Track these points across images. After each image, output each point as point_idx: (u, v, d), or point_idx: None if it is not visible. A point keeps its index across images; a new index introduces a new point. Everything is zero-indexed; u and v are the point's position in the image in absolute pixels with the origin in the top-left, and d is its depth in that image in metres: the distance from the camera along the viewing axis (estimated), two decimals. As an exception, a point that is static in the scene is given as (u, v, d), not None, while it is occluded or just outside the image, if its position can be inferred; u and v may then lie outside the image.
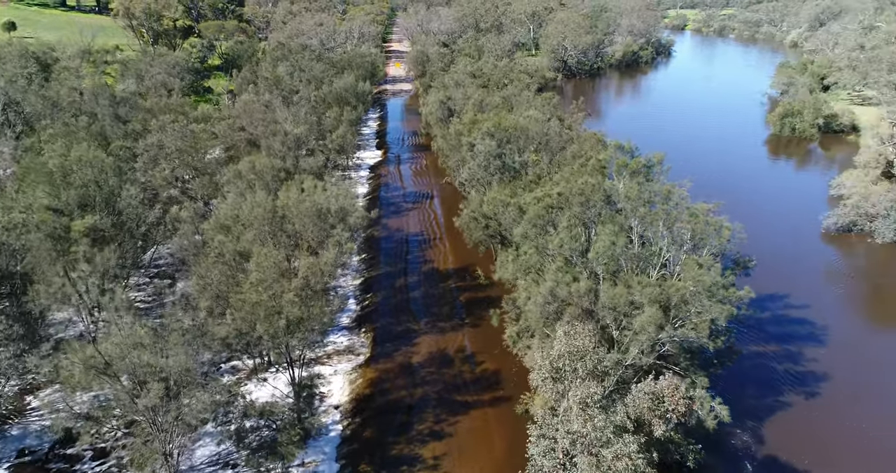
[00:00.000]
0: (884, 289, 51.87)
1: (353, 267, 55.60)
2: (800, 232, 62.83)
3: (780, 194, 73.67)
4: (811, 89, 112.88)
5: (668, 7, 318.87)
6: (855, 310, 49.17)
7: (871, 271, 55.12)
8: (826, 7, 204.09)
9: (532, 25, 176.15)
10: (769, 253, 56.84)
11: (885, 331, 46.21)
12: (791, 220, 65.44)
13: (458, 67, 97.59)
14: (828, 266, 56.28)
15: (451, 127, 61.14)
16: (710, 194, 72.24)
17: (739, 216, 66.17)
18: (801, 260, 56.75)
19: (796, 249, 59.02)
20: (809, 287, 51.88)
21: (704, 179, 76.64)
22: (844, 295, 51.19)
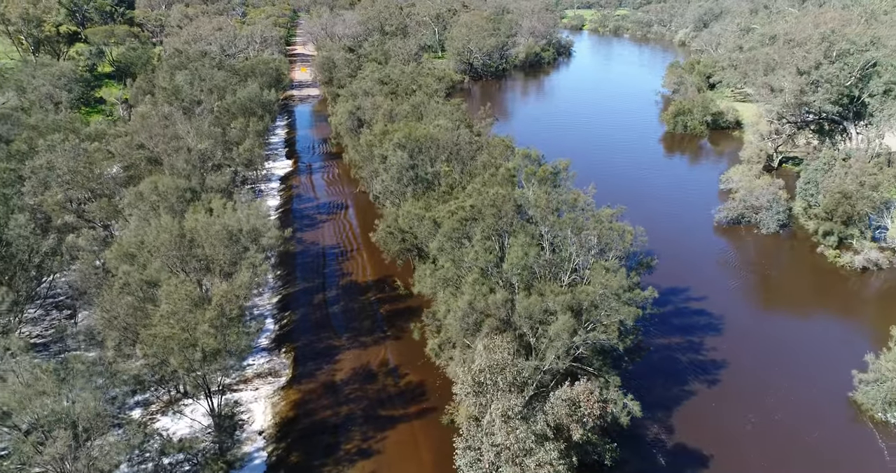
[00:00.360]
0: (770, 278, 56.47)
1: (269, 285, 54.38)
2: (695, 225, 67.25)
3: (677, 190, 78.44)
4: (699, 88, 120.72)
5: (565, 7, 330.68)
6: (746, 298, 53.24)
7: (758, 260, 59.81)
8: (708, 9, 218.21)
9: (437, 27, 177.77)
10: (669, 249, 60.58)
11: (773, 316, 50.36)
12: (687, 215, 69.92)
13: (365, 73, 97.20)
14: (721, 257, 60.56)
15: (362, 138, 60.94)
16: (614, 194, 76.13)
17: (641, 214, 70.28)
18: (697, 253, 60.81)
19: (693, 243, 63.18)
20: (706, 278, 55.70)
21: (608, 178, 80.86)
22: (736, 284, 55.34)
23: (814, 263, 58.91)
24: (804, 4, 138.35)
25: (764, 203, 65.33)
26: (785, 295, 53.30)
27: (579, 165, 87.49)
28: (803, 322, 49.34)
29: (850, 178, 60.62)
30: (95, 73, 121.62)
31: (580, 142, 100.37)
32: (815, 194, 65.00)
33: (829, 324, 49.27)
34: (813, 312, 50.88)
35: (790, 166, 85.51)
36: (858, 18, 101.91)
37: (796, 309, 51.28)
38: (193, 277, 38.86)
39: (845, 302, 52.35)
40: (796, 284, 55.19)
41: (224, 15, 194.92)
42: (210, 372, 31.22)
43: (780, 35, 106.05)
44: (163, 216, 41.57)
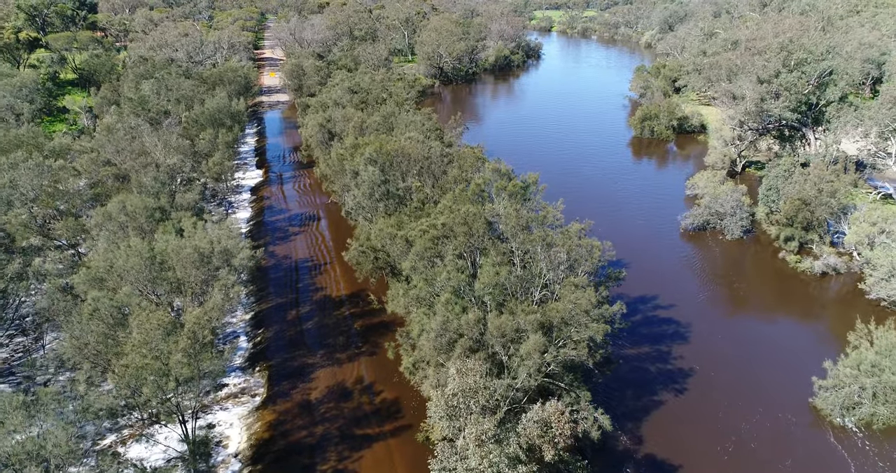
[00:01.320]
0: (734, 284, 58.05)
1: (241, 301, 54.12)
2: (663, 232, 68.76)
3: (645, 195, 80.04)
4: (665, 92, 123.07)
5: (534, 9, 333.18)
6: (712, 305, 54.69)
7: (723, 266, 61.41)
8: (673, 11, 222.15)
9: (406, 32, 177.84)
10: (638, 256, 61.93)
11: (738, 322, 51.84)
12: (655, 221, 71.42)
13: (335, 81, 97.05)
14: (688, 264, 62.04)
15: (333, 151, 60.97)
16: (584, 201, 77.59)
17: (611, 220, 71.73)
18: (665, 260, 62.22)
19: (661, 249, 64.61)
20: (674, 286, 57.05)
21: (578, 184, 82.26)
22: (703, 290, 56.80)
23: (776, 268, 60.73)
24: (765, 9, 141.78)
25: (728, 209, 67.10)
26: (749, 301, 54.89)
27: (550, 172, 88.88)
28: (767, 327, 50.90)
29: (809, 185, 62.63)
30: (58, 81, 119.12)
31: (550, 147, 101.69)
32: (776, 200, 66.96)
33: (792, 330, 50.93)
34: (776, 318, 52.49)
35: (753, 170, 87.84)
36: (816, 25, 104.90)
37: (760, 315, 52.87)
38: (165, 299, 38.62)
39: (806, 308, 54.14)
40: (760, 290, 56.85)
41: (190, 19, 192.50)
42: (184, 399, 31.16)
43: (741, 40, 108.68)
44: (132, 238, 41.18)
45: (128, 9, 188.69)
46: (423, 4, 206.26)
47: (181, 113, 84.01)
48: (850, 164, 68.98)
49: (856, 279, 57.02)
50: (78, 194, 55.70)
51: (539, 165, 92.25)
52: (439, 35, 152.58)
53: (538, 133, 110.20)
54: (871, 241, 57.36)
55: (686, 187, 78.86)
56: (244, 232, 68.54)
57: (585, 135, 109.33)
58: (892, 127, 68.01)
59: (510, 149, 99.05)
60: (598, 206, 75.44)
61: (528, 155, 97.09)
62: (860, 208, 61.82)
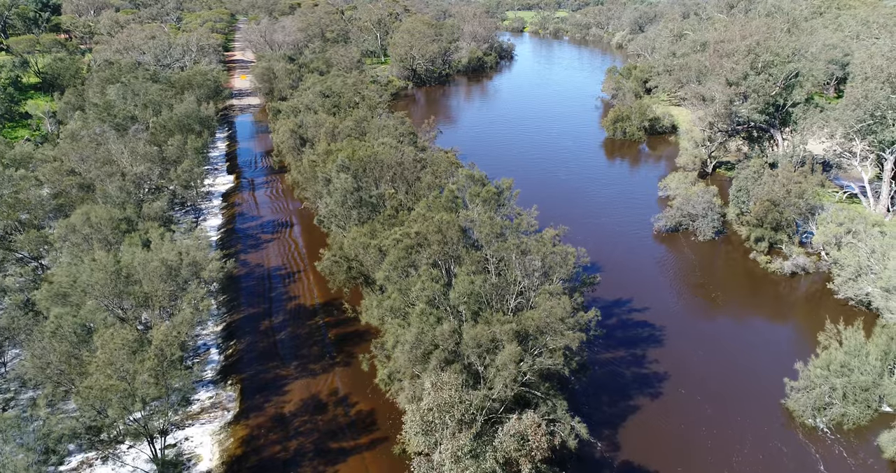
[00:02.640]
0: (707, 285, 58.57)
1: (212, 312, 53.00)
2: (636, 234, 69.15)
3: (618, 197, 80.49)
4: (636, 94, 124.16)
5: (506, 9, 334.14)
6: (686, 307, 55.08)
7: (696, 267, 61.93)
8: (643, 12, 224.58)
9: (379, 33, 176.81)
10: (612, 259, 62.18)
11: (711, 324, 52.29)
12: (628, 223, 71.82)
13: (307, 85, 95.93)
14: (661, 266, 62.45)
15: (305, 158, 60.06)
16: (559, 204, 77.76)
17: (585, 223, 72.00)
18: (639, 263, 62.54)
19: (634, 251, 64.96)
20: (648, 288, 57.35)
21: (553, 187, 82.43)
22: (676, 292, 57.21)
23: (747, 269, 61.44)
24: (732, 11, 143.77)
25: (700, 211, 67.73)
26: (721, 303, 55.39)
27: (524, 174, 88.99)
28: (739, 329, 51.40)
29: (778, 186, 63.50)
30: (21, 85, 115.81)
31: (524, 149, 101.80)
32: (746, 201, 67.81)
33: (764, 330, 51.50)
34: (748, 319, 53.04)
35: (723, 171, 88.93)
36: (782, 27, 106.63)
37: (732, 316, 53.38)
38: (132, 314, 37.54)
39: (777, 308, 54.81)
40: (732, 291, 57.42)
41: (158, 21, 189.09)
42: (151, 419, 30.23)
43: (710, 42, 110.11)
44: (96, 251, 39.93)
45: (93, 10, 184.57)
46: (396, 6, 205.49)
47: (148, 118, 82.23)
48: (818, 166, 70.09)
49: (824, 278, 57.95)
50: (41, 204, 54.01)
51: (513, 168, 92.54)
52: (412, 36, 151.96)
53: (512, 135, 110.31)
54: (838, 241, 58.32)
55: (659, 188, 79.50)
56: (215, 239, 67.26)
57: (559, 136, 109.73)
58: (857, 128, 69.28)
59: (484, 152, 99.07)
60: (573, 209, 75.67)
61: (501, 157, 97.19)
62: (827, 208, 62.85)
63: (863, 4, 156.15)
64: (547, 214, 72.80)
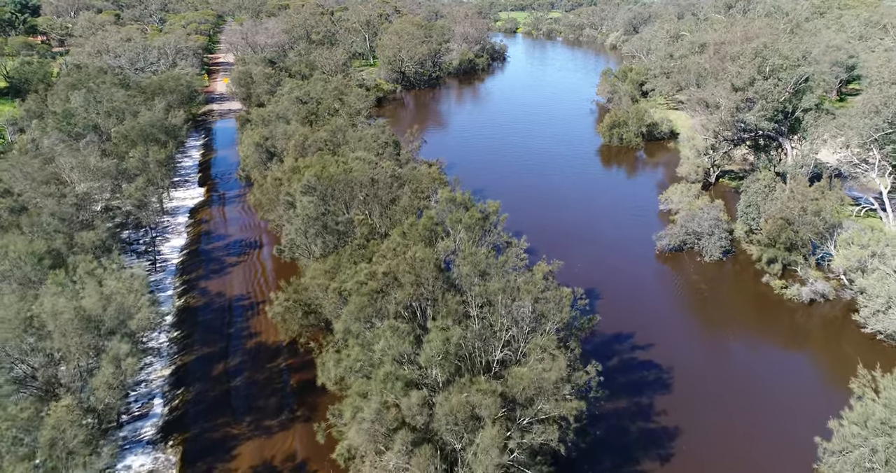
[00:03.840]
0: (717, 316, 52.12)
1: (162, 351, 46.29)
2: (638, 254, 62.67)
3: (616, 211, 74.00)
4: (633, 97, 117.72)
5: (499, 10, 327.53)
6: (695, 343, 48.64)
7: (704, 294, 55.50)
8: (637, 13, 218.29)
9: (367, 34, 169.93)
10: (612, 284, 55.66)
11: (724, 365, 45.85)
12: (629, 241, 65.34)
13: (284, 90, 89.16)
14: (666, 292, 56.00)
15: (269, 175, 53.37)
16: (553, 219, 71.21)
17: (580, 240, 65.49)
18: (641, 288, 56.06)
19: (636, 275, 58.48)
20: (652, 319, 50.89)
21: (546, 199, 75.77)
22: (683, 324, 50.77)
23: (760, 294, 55.06)
24: (730, 11, 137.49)
25: (706, 229, 61.27)
26: (735, 336, 48.95)
27: (515, 186, 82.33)
28: (757, 370, 44.98)
29: (794, 203, 57.08)
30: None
31: (517, 156, 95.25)
32: (756, 218, 61.42)
33: (785, 372, 45.09)
34: (766, 357, 46.64)
35: (727, 181, 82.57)
36: (784, 28, 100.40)
37: (748, 354, 46.95)
38: (42, 374, 30.89)
39: (797, 343, 48.38)
40: (746, 322, 50.99)
41: (140, 23, 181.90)
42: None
43: (709, 43, 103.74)
44: (5, 296, 33.21)
45: (73, 12, 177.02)
46: (386, 6, 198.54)
47: (111, 127, 75.30)
48: (836, 181, 63.58)
49: (847, 307, 51.60)
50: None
51: (504, 179, 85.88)
52: (400, 38, 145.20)
53: (504, 141, 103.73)
54: (862, 266, 51.97)
55: (660, 201, 72.96)
56: (176, 263, 60.50)
57: (553, 142, 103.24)
58: (875, 137, 63.02)
59: (474, 160, 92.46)
60: (568, 225, 69.16)
61: (492, 166, 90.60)
62: (847, 228, 56.47)
63: (862, 4, 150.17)
64: (539, 231, 66.56)
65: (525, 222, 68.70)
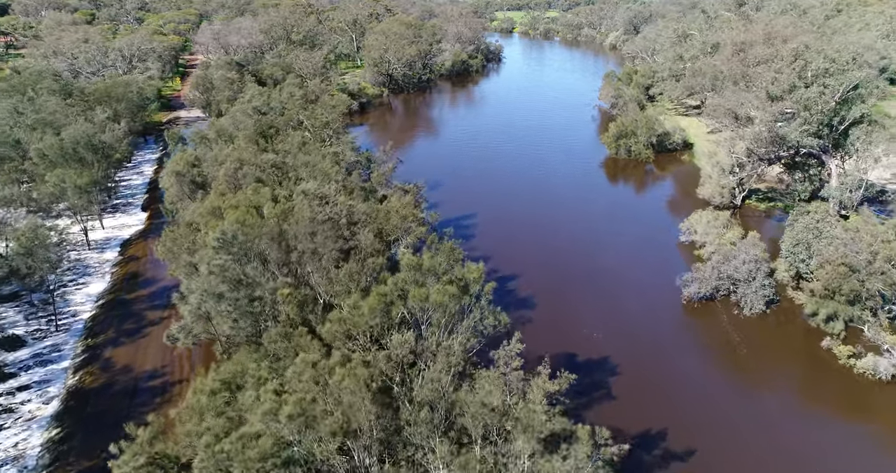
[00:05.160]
0: (772, 395, 39.18)
1: (28, 464, 33.31)
2: (661, 303, 49.68)
3: (630, 241, 60.97)
4: (639, 103, 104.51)
5: (495, 10, 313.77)
6: (747, 449, 35.69)
7: (750, 364, 42.57)
8: (637, 12, 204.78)
9: (354, 34, 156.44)
10: (630, 350, 42.71)
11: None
12: (648, 284, 52.31)
13: (246, 97, 75.99)
14: (702, 364, 43.03)
15: (186, 215, 40.32)
16: (553, 250, 58.23)
17: (589, 283, 52.41)
18: (670, 358, 43.02)
19: (660, 335, 45.48)
20: (686, 406, 37.93)
21: (549, 229, 61.70)
22: (730, 414, 37.77)
23: (821, 362, 42.08)
24: (742, 9, 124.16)
25: (744, 274, 48.25)
26: (800, 434, 35.95)
27: (511, 208, 68.95)
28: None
29: (860, 245, 44.05)
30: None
31: (512, 171, 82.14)
32: (806, 260, 48.41)
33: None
34: (844, 463, 33.70)
35: (755, 202, 69.58)
36: (810, 26, 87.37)
37: (823, 461, 33.99)
38: None
39: (886, 447, 35.36)
40: (810, 409, 38.03)
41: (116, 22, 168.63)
42: None
43: (725, 43, 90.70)
44: None
45: (43, 11, 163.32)
46: (377, 6, 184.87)
47: (36, 143, 62.16)
48: None
49: (941, 388, 38.70)
50: None
51: (497, 200, 71.99)
52: (387, 38, 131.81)
53: (498, 153, 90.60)
54: (959, 333, 39.06)
55: (681, 231, 59.95)
56: (87, 318, 47.43)
57: (552, 154, 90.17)
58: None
59: (463, 178, 79.33)
60: (574, 263, 56.12)
61: (485, 182, 77.48)
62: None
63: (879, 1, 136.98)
64: (540, 270, 53.44)
65: (522, 259, 55.69)
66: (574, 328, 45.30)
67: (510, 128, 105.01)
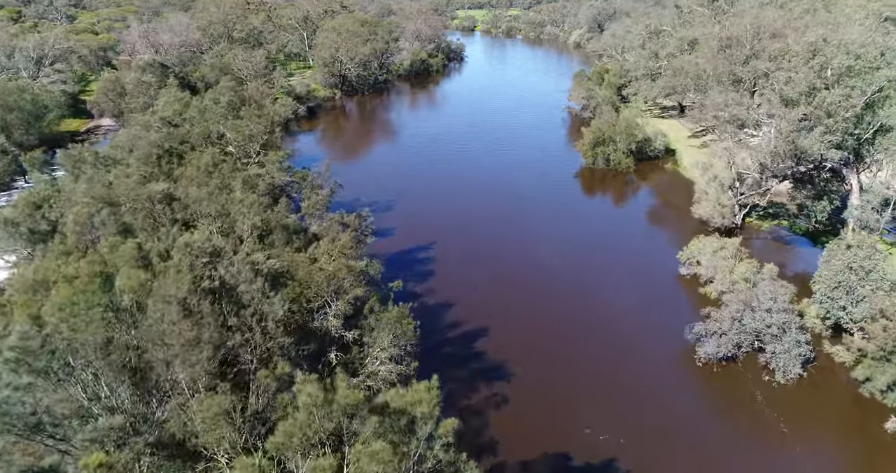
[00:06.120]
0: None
1: None
2: (669, 368, 38.25)
3: (620, 277, 49.53)
4: (614, 104, 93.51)
5: (456, 8, 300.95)
6: None
7: (793, 447, 31.47)
8: (601, 9, 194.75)
9: (305, 32, 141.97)
10: (643, 441, 31.00)
11: None
12: (650, 341, 40.82)
13: (159, 105, 62.07)
14: (734, 446, 31.69)
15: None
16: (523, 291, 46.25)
17: (583, 355, 40.10)
18: (694, 449, 31.59)
19: (676, 415, 34.01)
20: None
21: (513, 257, 47.83)
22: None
23: (888, 451, 31.26)
24: (714, 3, 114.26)
25: (772, 329, 37.13)
26: None
27: (480, 238, 56.18)
28: None
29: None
30: None
31: (479, 188, 69.69)
32: (848, 308, 37.56)
33: None
34: None
35: (756, 220, 59.09)
36: (800, 16, 77.41)
37: None
38: None
39: None
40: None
41: (46, 19, 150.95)
42: None
43: (708, 39, 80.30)
44: None
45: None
46: (333, 3, 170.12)
47: None
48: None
49: None
50: None
51: (462, 221, 58.08)
52: (339, 36, 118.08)
53: (461, 163, 78.42)
54: None
55: (680, 262, 48.83)
56: None
57: (522, 164, 78.43)
58: None
59: (421, 193, 66.89)
60: (556, 309, 44.20)
61: (444, 200, 65.03)
62: None
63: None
64: (515, 327, 38.81)
65: (492, 308, 43.37)
66: (569, 419, 33.44)
67: (472, 133, 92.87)
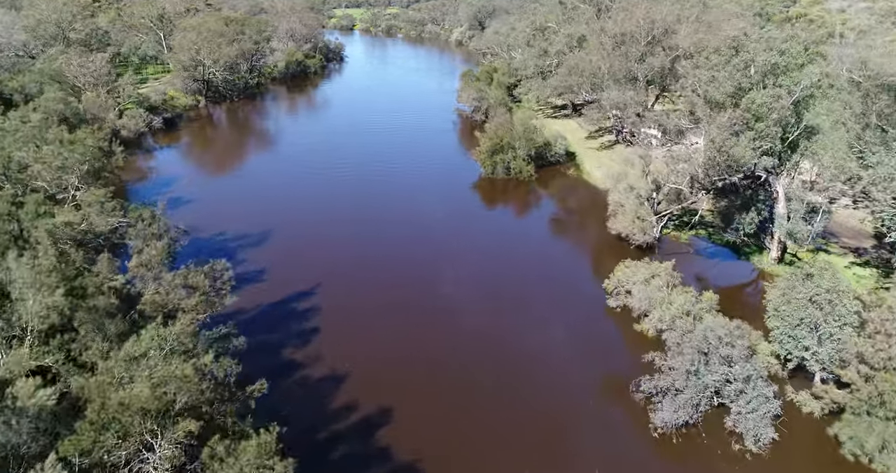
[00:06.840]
0: None
1: None
2: (621, 443, 29.93)
3: (541, 312, 40.92)
4: (507, 105, 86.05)
5: (334, 6, 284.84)
6: None
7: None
8: (481, 6, 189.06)
9: (162, 33, 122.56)
10: None
11: None
12: (589, 406, 32.42)
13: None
14: None
15: None
16: (443, 368, 34.75)
17: (511, 430, 29.23)
18: None
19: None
20: None
21: (410, 301, 36.36)
22: None
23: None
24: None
25: (735, 383, 29.87)
26: None
27: (369, 273, 43.02)
28: None
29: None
30: None
31: (358, 206, 58.29)
32: (814, 348, 31.07)
33: None
34: None
35: (673, 231, 53.25)
36: (692, 9, 73.57)
37: None
38: None
39: None
40: None
41: None
42: None
43: (599, 34, 74.53)
44: None
45: None
46: (198, 1, 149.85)
47: None
48: None
49: None
50: None
51: (348, 251, 41.92)
52: (200, 36, 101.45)
53: (338, 181, 66.80)
54: None
55: (607, 293, 41.10)
56: None
57: (415, 175, 68.60)
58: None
59: (296, 222, 53.84)
60: (469, 362, 34.46)
61: (324, 225, 52.93)
62: None
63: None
64: (421, 397, 28.83)
65: (388, 371, 32.60)
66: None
67: (355, 142, 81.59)
